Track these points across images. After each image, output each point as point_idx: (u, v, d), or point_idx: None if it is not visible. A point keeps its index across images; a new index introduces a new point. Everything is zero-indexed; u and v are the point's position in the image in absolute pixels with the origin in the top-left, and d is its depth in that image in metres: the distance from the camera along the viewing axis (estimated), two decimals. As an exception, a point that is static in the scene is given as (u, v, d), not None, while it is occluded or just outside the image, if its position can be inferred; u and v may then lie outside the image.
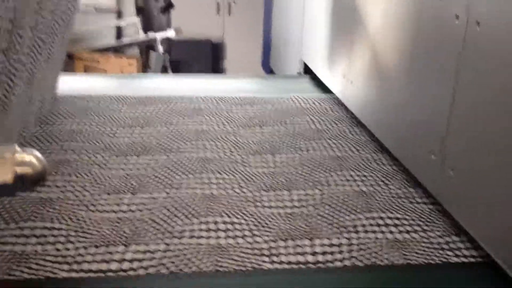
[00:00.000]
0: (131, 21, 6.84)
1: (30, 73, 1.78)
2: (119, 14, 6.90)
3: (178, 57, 7.08)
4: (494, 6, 1.45)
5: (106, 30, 6.80)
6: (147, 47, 7.00)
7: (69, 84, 3.04)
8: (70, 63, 6.72)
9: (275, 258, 1.54)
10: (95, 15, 6.75)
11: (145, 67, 6.93)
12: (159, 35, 6.78)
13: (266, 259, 1.53)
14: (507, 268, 1.41)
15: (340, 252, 1.57)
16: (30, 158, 0.86)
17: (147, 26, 7.00)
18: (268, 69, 5.10)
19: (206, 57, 7.18)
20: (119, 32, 6.91)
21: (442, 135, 1.69)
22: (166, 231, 1.63)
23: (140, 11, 7.03)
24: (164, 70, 6.86)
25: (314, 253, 1.56)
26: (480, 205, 1.52)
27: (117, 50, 6.97)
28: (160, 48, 6.75)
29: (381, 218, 1.73)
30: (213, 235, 1.63)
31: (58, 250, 1.52)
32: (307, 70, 3.44)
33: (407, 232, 1.67)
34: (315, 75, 3.20)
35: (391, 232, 1.67)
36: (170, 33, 6.81)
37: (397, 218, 1.73)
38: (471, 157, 1.55)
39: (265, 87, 3.16)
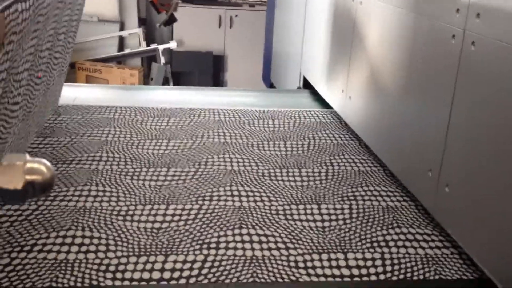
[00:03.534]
0: (134, 32, 6.88)
1: (26, 110, 1.81)
2: (122, 25, 6.93)
3: (180, 69, 7.11)
4: (488, 27, 1.51)
5: (108, 40, 6.83)
6: (149, 58, 7.04)
7: (91, 94, 3.07)
8: (72, 73, 6.74)
9: (311, 271, 1.57)
10: (98, 25, 6.79)
11: (146, 78, 6.96)
12: (161, 47, 6.83)
13: (303, 271, 1.57)
14: (502, 286, 1.45)
15: (374, 266, 1.61)
16: (40, 166, 0.89)
17: (150, 37, 7.05)
18: (268, 82, 5.13)
19: (207, 69, 7.21)
20: (121, 43, 6.94)
21: (440, 152, 1.74)
22: (202, 241, 1.66)
23: (143, 22, 7.07)
24: (165, 81, 6.89)
25: (348, 266, 1.60)
26: (474, 222, 1.57)
27: (119, 60, 7.00)
28: (162, 59, 6.79)
29: (411, 233, 1.78)
30: (248, 246, 1.66)
31: (100, 258, 1.54)
32: (307, 85, 3.49)
33: (438, 247, 1.71)
34: (314, 89, 3.26)
35: (422, 247, 1.71)
36: (172, 45, 6.86)
37: (427, 234, 1.77)
38: (466, 174, 1.60)
39: (268, 101, 3.20)
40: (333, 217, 1.85)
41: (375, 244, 1.71)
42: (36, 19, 1.50)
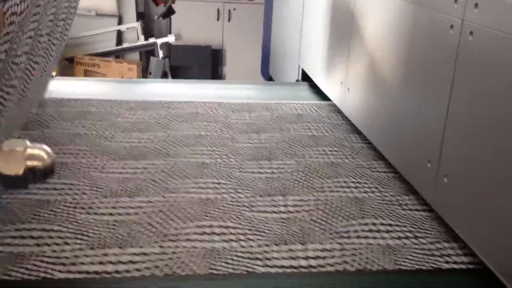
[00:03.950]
0: (132, 26, 6.87)
1: (21, 94, 1.80)
2: (120, 19, 6.93)
3: (178, 63, 7.11)
4: (486, 17, 1.49)
5: (106, 35, 6.83)
6: (148, 52, 7.04)
7: (70, 87, 3.07)
8: (71, 67, 6.75)
9: (268, 262, 1.56)
10: (96, 19, 6.79)
11: (145, 72, 6.96)
12: (159, 41, 6.82)
13: (260, 263, 1.56)
14: (501, 276, 1.43)
15: (332, 257, 1.59)
16: (40, 152, 0.88)
17: (148, 31, 7.04)
18: (267, 75, 5.11)
19: (206, 63, 7.19)
20: (119, 37, 6.94)
21: (438, 142, 1.72)
22: (162, 234, 1.65)
23: (141, 16, 7.07)
24: (164, 75, 6.89)
25: (307, 258, 1.59)
26: (474, 212, 1.55)
27: (118, 55, 7.00)
28: (160, 53, 6.79)
29: (374, 224, 1.76)
30: (208, 238, 1.65)
31: (54, 251, 1.54)
32: (306, 77, 3.47)
33: (399, 238, 1.69)
34: (313, 82, 3.23)
35: (383, 238, 1.69)
36: (171, 39, 6.85)
37: (390, 224, 1.76)
38: (465, 165, 1.59)
39: (264, 94, 3.19)
40: (298, 208, 1.84)
41: (336, 235, 1.69)
42: (37, 2, 1.49)
